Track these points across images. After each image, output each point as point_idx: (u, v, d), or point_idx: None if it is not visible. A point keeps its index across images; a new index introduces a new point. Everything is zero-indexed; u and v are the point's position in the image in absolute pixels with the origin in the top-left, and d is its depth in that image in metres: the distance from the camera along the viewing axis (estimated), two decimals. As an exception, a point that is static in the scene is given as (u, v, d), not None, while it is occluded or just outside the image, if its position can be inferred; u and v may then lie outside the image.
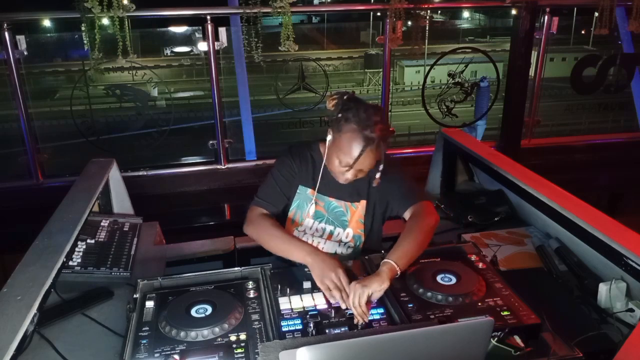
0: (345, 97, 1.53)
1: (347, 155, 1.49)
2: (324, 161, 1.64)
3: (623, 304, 1.46)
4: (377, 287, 1.32)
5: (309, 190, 1.70)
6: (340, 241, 1.72)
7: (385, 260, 1.40)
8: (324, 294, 1.39)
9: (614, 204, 3.82)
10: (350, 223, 1.71)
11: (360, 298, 1.30)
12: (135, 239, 1.92)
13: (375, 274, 1.36)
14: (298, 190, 1.71)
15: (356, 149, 1.47)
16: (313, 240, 1.71)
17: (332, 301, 1.36)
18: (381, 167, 1.53)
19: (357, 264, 1.55)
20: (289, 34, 3.25)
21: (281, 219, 1.69)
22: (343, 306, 1.34)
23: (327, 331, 1.25)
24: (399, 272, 1.39)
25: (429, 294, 1.37)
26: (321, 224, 1.71)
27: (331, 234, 1.71)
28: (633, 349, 1.23)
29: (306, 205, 1.70)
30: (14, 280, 1.36)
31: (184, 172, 3.66)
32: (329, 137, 1.57)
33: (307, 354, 0.94)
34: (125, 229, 1.97)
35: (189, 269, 1.55)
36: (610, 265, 1.55)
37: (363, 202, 1.70)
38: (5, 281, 1.36)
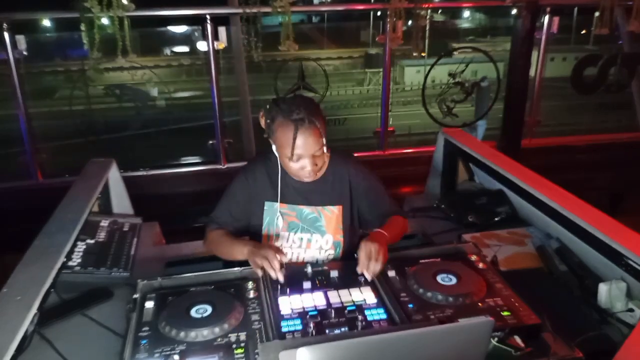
0: (267, 106, 1.55)
1: (287, 147, 1.48)
2: (279, 171, 1.64)
3: (623, 304, 1.46)
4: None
5: (276, 204, 1.67)
6: (320, 248, 1.68)
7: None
8: (326, 294, 1.40)
9: (614, 204, 3.82)
10: (328, 229, 1.68)
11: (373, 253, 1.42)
12: (135, 239, 1.92)
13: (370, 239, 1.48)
14: (265, 207, 1.68)
15: (290, 134, 1.47)
16: (292, 253, 1.69)
17: (272, 274, 1.43)
18: (324, 140, 1.52)
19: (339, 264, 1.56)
20: (289, 34, 3.25)
21: (254, 238, 1.71)
22: (274, 275, 1.42)
23: (327, 331, 1.25)
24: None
25: (429, 294, 1.37)
26: (297, 234, 1.68)
27: (309, 242, 1.68)
28: (633, 349, 1.23)
29: (276, 219, 1.68)
30: (14, 280, 1.36)
31: (183, 172, 3.66)
32: (274, 148, 1.58)
33: (307, 354, 0.94)
34: (125, 229, 1.97)
35: (189, 269, 1.54)
36: (610, 265, 1.55)
37: (339, 207, 1.68)
38: (5, 281, 1.36)
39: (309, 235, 1.68)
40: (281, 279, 1.42)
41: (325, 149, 1.54)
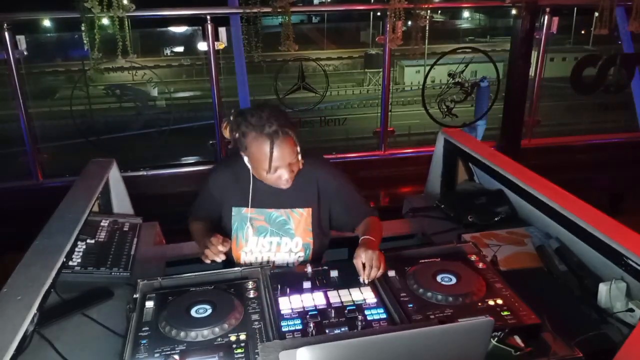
0: (232, 118, 1.52)
1: (264, 161, 1.47)
2: (251, 177, 1.61)
3: (623, 304, 1.46)
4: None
5: (244, 209, 1.66)
6: (290, 251, 1.68)
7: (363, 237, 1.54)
8: (326, 294, 1.40)
9: (614, 204, 3.82)
10: (297, 232, 1.67)
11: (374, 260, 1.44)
12: (135, 239, 1.92)
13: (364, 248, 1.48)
14: (233, 213, 1.68)
15: (266, 149, 1.45)
16: (262, 257, 1.68)
17: (216, 259, 1.49)
18: (298, 148, 1.51)
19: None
20: (289, 34, 3.25)
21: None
22: (217, 259, 1.49)
23: (327, 331, 1.25)
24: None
25: (429, 294, 1.37)
26: (266, 238, 1.67)
27: (279, 245, 1.68)
28: (633, 349, 1.23)
29: (244, 225, 1.67)
30: (14, 280, 1.36)
31: (184, 172, 3.66)
32: (246, 159, 1.56)
33: (307, 354, 0.94)
34: (125, 229, 1.97)
35: (189, 269, 1.55)
36: (610, 265, 1.55)
37: (308, 210, 1.67)
38: (5, 281, 1.36)
39: (278, 238, 1.68)
40: (218, 259, 1.49)
41: (300, 155, 1.54)
